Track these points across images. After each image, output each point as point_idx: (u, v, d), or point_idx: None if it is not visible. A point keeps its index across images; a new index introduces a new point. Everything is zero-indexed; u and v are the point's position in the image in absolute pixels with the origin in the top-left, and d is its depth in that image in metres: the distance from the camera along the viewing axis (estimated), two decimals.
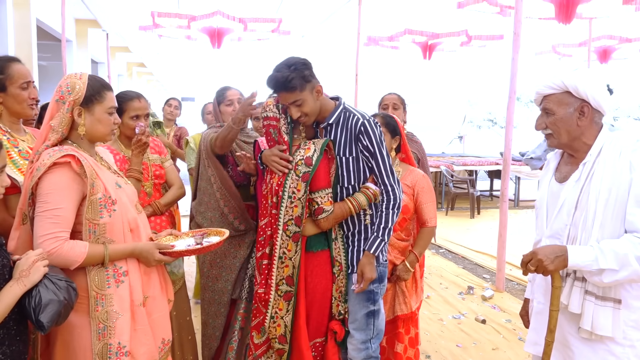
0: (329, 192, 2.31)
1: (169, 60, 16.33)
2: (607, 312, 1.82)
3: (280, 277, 2.34)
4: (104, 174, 1.90)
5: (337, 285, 2.42)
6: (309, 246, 2.38)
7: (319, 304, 2.40)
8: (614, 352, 1.84)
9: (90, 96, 1.88)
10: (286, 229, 2.32)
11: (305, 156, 2.29)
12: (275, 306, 2.34)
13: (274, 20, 8.94)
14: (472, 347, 3.95)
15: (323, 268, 2.39)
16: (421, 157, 3.52)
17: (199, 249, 2.06)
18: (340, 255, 2.42)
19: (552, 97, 1.92)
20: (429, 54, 10.30)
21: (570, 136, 1.91)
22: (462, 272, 6.05)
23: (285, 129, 2.37)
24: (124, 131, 2.74)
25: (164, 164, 2.96)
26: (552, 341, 1.87)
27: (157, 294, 2.01)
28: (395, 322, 2.84)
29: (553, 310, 1.85)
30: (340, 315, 2.42)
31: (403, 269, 2.78)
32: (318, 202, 2.29)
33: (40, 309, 1.56)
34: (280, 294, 2.34)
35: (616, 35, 10.05)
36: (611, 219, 1.81)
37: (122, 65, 15.43)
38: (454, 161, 10.70)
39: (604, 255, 1.74)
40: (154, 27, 9.05)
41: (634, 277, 1.74)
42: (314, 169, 2.27)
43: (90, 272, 1.81)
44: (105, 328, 1.80)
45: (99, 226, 1.82)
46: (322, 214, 2.29)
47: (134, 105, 2.70)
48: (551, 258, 1.79)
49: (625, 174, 1.79)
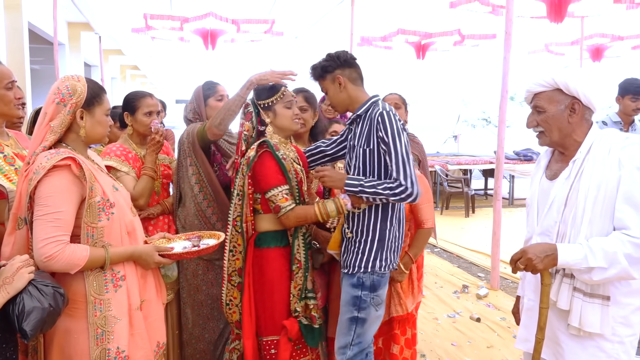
0: (282, 189, 2.32)
1: (163, 62, 16.32)
2: (595, 309, 1.82)
3: (232, 269, 2.45)
4: (101, 177, 1.90)
5: (296, 283, 2.41)
6: (263, 242, 2.42)
7: (272, 300, 2.40)
8: (603, 349, 1.85)
9: (91, 98, 1.89)
10: (235, 224, 2.41)
11: (248, 156, 2.37)
12: (230, 294, 2.46)
13: (267, 22, 8.94)
14: (467, 345, 3.96)
15: (277, 265, 2.40)
16: (422, 159, 3.55)
17: (197, 250, 2.07)
18: (300, 254, 2.43)
19: (543, 94, 1.93)
20: (422, 54, 10.33)
21: (562, 133, 1.92)
22: (457, 271, 6.07)
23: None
24: (138, 128, 2.80)
25: (171, 164, 3.01)
26: (542, 338, 1.88)
27: (153, 298, 2.02)
28: (390, 323, 2.84)
29: (543, 308, 1.86)
30: (296, 312, 2.40)
31: (397, 271, 2.76)
32: (273, 201, 2.31)
33: (23, 317, 1.53)
34: (233, 284, 2.45)
35: (608, 34, 10.10)
36: (600, 216, 1.82)
37: (115, 68, 15.38)
38: (449, 160, 10.72)
39: (593, 253, 1.75)
40: (147, 29, 9.04)
41: (623, 274, 1.75)
42: (248, 167, 2.33)
43: (89, 277, 1.81)
44: (104, 333, 1.79)
45: (97, 229, 1.82)
46: (280, 212, 2.31)
47: (147, 102, 2.80)
48: (541, 257, 1.80)
49: (614, 171, 1.80)
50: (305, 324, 2.43)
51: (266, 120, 2.44)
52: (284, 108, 2.46)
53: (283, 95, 2.47)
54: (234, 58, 13.42)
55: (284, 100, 2.46)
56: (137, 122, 2.78)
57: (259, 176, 2.34)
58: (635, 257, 1.73)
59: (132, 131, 2.82)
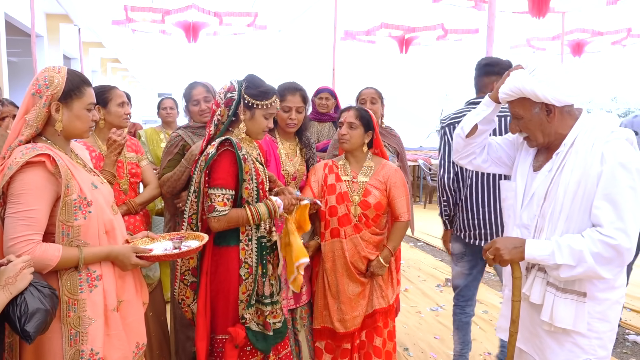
0: (226, 193, 2.21)
1: (145, 55, 16.14)
2: (567, 305, 1.80)
3: (185, 268, 2.35)
4: (79, 174, 1.84)
5: (245, 288, 2.29)
6: (222, 240, 2.31)
7: (228, 299, 2.30)
8: (580, 344, 1.83)
9: (69, 91, 1.81)
10: (190, 222, 2.31)
11: (207, 152, 2.25)
12: (182, 294, 2.37)
13: (250, 15, 8.88)
14: (449, 338, 3.97)
15: (230, 264, 2.30)
16: (400, 152, 3.54)
17: (177, 253, 2.00)
18: (251, 258, 2.31)
19: (516, 102, 1.89)
20: (405, 48, 10.34)
21: (545, 134, 1.88)
22: (440, 264, 6.10)
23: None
24: (112, 120, 2.71)
25: (140, 162, 2.92)
26: (515, 332, 1.87)
27: (132, 298, 1.96)
28: (373, 315, 2.85)
29: (515, 301, 1.86)
30: (243, 319, 2.29)
31: (377, 265, 2.77)
32: (212, 199, 2.21)
33: (26, 317, 1.49)
34: (186, 283, 2.36)
35: (588, 29, 10.22)
36: (578, 212, 1.78)
37: (95, 61, 15.13)
38: (432, 155, 10.77)
39: (561, 250, 1.72)
40: (127, 22, 8.92)
41: (590, 273, 1.72)
42: (206, 165, 2.22)
43: (62, 277, 1.75)
44: (78, 334, 1.74)
45: (73, 228, 1.76)
46: (212, 212, 2.20)
47: (117, 92, 2.74)
48: (509, 248, 1.81)
49: (595, 166, 1.74)
50: (254, 331, 2.32)
51: (241, 116, 2.31)
52: (262, 116, 2.32)
53: (270, 106, 2.32)
54: (217, 51, 13.31)
55: (268, 110, 2.32)
56: (112, 113, 2.69)
57: (212, 172, 2.24)
58: (605, 256, 1.69)
59: (103, 125, 2.71)
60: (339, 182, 2.78)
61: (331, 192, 2.77)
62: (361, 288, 2.77)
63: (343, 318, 2.75)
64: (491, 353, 3.71)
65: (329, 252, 2.76)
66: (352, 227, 2.74)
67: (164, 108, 4.93)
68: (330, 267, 2.76)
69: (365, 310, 2.80)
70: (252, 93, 2.29)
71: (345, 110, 2.84)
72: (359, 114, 2.77)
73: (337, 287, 2.75)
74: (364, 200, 2.76)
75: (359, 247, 2.74)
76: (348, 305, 2.75)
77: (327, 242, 2.77)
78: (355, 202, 2.76)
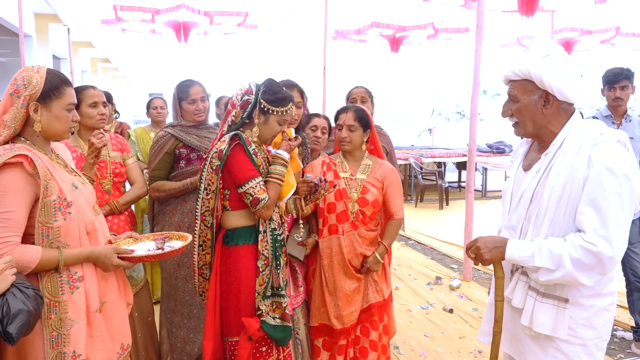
0: (259, 181, 2.23)
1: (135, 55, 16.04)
2: (547, 310, 1.76)
3: (202, 263, 2.40)
4: (59, 175, 1.81)
5: (262, 280, 2.30)
6: (231, 239, 2.32)
7: (239, 300, 2.28)
8: (563, 350, 1.78)
9: (48, 91, 1.79)
10: (204, 219, 2.33)
11: (219, 149, 2.24)
12: (202, 287, 2.45)
13: (240, 14, 8.84)
14: (439, 336, 3.99)
15: (246, 262, 2.29)
16: (389, 151, 3.56)
17: (160, 254, 1.98)
18: (267, 250, 2.32)
19: (517, 83, 1.84)
20: (396, 47, 10.35)
21: (536, 125, 1.82)
22: (431, 262, 6.11)
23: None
24: (85, 122, 2.70)
25: (125, 161, 2.90)
26: (499, 331, 1.86)
27: (115, 299, 1.94)
28: (369, 310, 2.88)
29: (497, 301, 1.85)
30: (259, 310, 2.29)
31: (373, 261, 2.81)
32: (251, 193, 2.21)
33: (9, 319, 1.47)
34: (205, 277, 2.42)
35: (577, 28, 10.26)
36: (563, 217, 1.73)
37: (85, 61, 15.02)
38: (423, 153, 10.80)
39: (540, 253, 1.69)
40: (117, 21, 8.85)
41: (569, 279, 1.67)
42: (221, 163, 2.22)
43: (43, 279, 1.73)
44: (59, 336, 1.73)
45: (53, 230, 1.74)
46: (258, 204, 2.21)
47: (89, 93, 2.71)
48: (489, 247, 1.78)
49: (581, 169, 1.68)
50: (271, 324, 2.31)
51: (255, 120, 2.30)
52: (276, 122, 2.32)
53: (285, 113, 2.32)
54: (208, 51, 13.25)
55: (283, 117, 2.32)
56: (84, 115, 2.68)
57: (235, 169, 2.22)
58: (585, 263, 1.64)
59: (78, 127, 2.72)
60: (337, 179, 2.82)
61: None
62: (357, 284, 2.81)
63: (340, 314, 2.78)
64: (482, 351, 3.72)
65: (326, 248, 2.80)
66: (350, 223, 2.79)
67: (154, 108, 4.91)
68: (328, 264, 2.79)
69: (360, 305, 2.83)
70: (269, 99, 2.29)
71: (342, 111, 2.85)
72: (357, 115, 2.80)
73: (334, 283, 2.79)
74: (362, 197, 2.80)
75: (356, 243, 2.79)
76: (345, 301, 2.78)
77: (324, 239, 2.81)
78: (354, 199, 2.80)
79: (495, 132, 14.09)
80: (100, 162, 2.75)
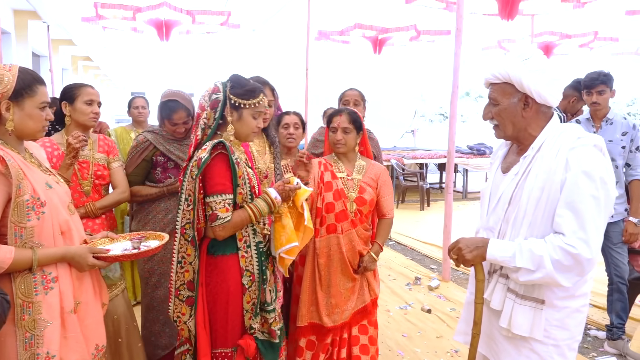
0: (226, 199, 2.10)
1: (117, 53, 15.90)
2: (526, 312, 1.78)
3: (180, 282, 2.20)
4: (32, 174, 1.80)
5: (249, 297, 2.19)
6: (217, 249, 2.20)
7: (227, 312, 2.18)
8: (537, 351, 1.81)
9: (20, 90, 1.78)
10: (184, 232, 2.17)
11: (198, 157, 2.13)
12: (177, 311, 2.22)
13: (223, 13, 8.82)
14: (417, 336, 4.03)
15: (233, 273, 2.18)
16: (377, 155, 3.62)
17: (135, 253, 1.97)
18: (252, 265, 2.20)
19: (497, 86, 1.86)
20: (379, 49, 10.41)
21: (516, 128, 1.84)
22: (411, 263, 6.16)
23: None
24: (77, 118, 2.66)
25: (110, 164, 2.83)
26: (477, 333, 1.87)
27: (90, 299, 1.93)
28: (365, 309, 2.94)
29: (477, 303, 1.86)
30: (252, 329, 2.20)
31: (369, 260, 2.89)
32: (213, 207, 2.09)
33: None
34: (181, 298, 2.21)
35: (557, 32, 10.43)
36: (542, 219, 1.75)
37: (66, 59, 14.82)
38: (405, 155, 10.87)
39: (522, 253, 1.70)
40: (98, 19, 8.76)
41: (548, 280, 1.69)
42: (199, 171, 2.08)
43: (16, 279, 1.72)
44: (33, 337, 1.71)
45: (26, 229, 1.73)
46: (215, 221, 2.08)
47: (87, 90, 2.68)
48: (470, 248, 1.80)
49: (559, 173, 1.70)
50: (262, 340, 2.24)
51: (228, 118, 2.19)
52: (250, 116, 2.21)
53: (258, 104, 2.22)
54: (190, 50, 13.19)
55: (256, 109, 2.22)
56: (77, 111, 2.64)
57: (207, 178, 2.12)
58: (564, 264, 1.66)
59: (69, 122, 2.68)
60: (335, 180, 2.88)
61: (328, 189, 2.86)
62: (352, 283, 2.87)
63: (332, 312, 2.82)
64: (458, 350, 3.76)
65: (324, 247, 2.84)
66: (349, 222, 2.86)
67: (136, 107, 4.84)
68: (325, 263, 2.83)
69: (355, 304, 2.88)
70: (238, 92, 2.19)
71: (337, 114, 2.89)
72: (351, 118, 2.86)
73: (328, 282, 2.83)
74: (359, 196, 2.87)
75: (355, 242, 2.85)
76: (338, 298, 2.82)
77: (322, 238, 2.84)
78: (352, 199, 2.86)
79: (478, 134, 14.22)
80: (82, 163, 2.69)
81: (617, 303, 3.78)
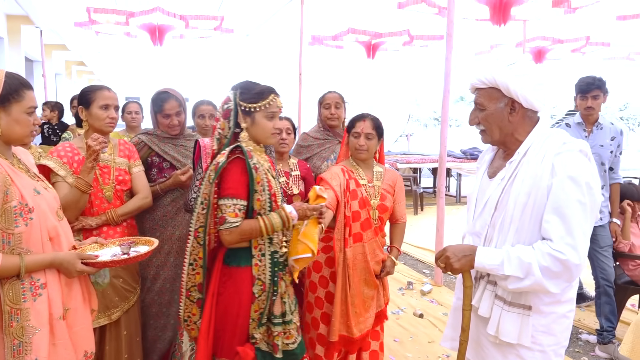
0: (237, 204, 2.08)
1: (110, 58, 15.89)
2: (513, 319, 1.78)
3: (191, 284, 2.19)
4: (20, 180, 1.79)
5: (257, 306, 2.16)
6: (232, 260, 2.18)
7: (235, 324, 2.16)
8: (523, 356, 1.81)
9: (7, 95, 1.77)
10: (197, 235, 2.15)
11: (217, 162, 2.12)
12: (188, 311, 2.22)
13: (216, 18, 8.84)
14: (409, 341, 4.04)
15: (241, 286, 2.16)
16: None
17: (125, 259, 1.96)
18: (264, 274, 2.17)
19: (483, 91, 1.86)
20: (372, 53, 10.45)
21: (502, 132, 1.85)
22: (403, 267, 6.17)
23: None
24: (93, 123, 2.55)
25: (131, 169, 2.74)
26: (465, 340, 1.87)
27: (79, 306, 1.92)
28: (381, 313, 2.95)
29: (465, 310, 1.86)
30: (253, 339, 2.16)
31: (392, 265, 2.91)
32: (223, 210, 2.08)
33: None
34: (192, 299, 2.21)
35: (549, 37, 10.51)
36: (528, 224, 1.75)
37: (60, 64, 14.81)
38: (398, 159, 10.88)
39: (510, 261, 1.70)
40: (91, 24, 8.77)
41: (537, 287, 1.69)
42: (216, 174, 2.09)
43: (4, 286, 1.71)
44: (21, 344, 1.70)
45: (14, 236, 1.72)
46: (223, 224, 2.07)
47: (103, 94, 2.56)
48: (458, 256, 1.79)
49: (545, 178, 1.71)
50: (264, 351, 2.19)
51: (242, 124, 2.18)
52: (264, 118, 2.18)
53: (269, 105, 2.19)
54: (184, 54, 13.21)
55: (267, 110, 2.19)
56: (92, 116, 2.53)
57: (223, 181, 2.10)
58: (553, 270, 1.66)
59: (87, 127, 2.58)
60: (359, 187, 2.81)
61: (354, 198, 2.79)
62: (374, 291, 2.84)
63: (358, 321, 2.78)
64: (449, 355, 3.77)
65: (352, 257, 2.75)
66: (373, 230, 2.83)
67: (129, 112, 4.81)
68: (353, 273, 2.75)
69: (374, 310, 2.88)
70: (247, 98, 2.18)
71: (360, 119, 2.83)
72: (375, 124, 2.82)
73: (354, 291, 2.77)
74: (381, 204, 2.85)
75: (377, 249, 2.84)
76: (362, 307, 2.79)
77: (350, 248, 2.75)
78: (374, 206, 2.83)
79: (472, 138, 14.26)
80: (103, 167, 2.60)
81: (605, 306, 3.80)
